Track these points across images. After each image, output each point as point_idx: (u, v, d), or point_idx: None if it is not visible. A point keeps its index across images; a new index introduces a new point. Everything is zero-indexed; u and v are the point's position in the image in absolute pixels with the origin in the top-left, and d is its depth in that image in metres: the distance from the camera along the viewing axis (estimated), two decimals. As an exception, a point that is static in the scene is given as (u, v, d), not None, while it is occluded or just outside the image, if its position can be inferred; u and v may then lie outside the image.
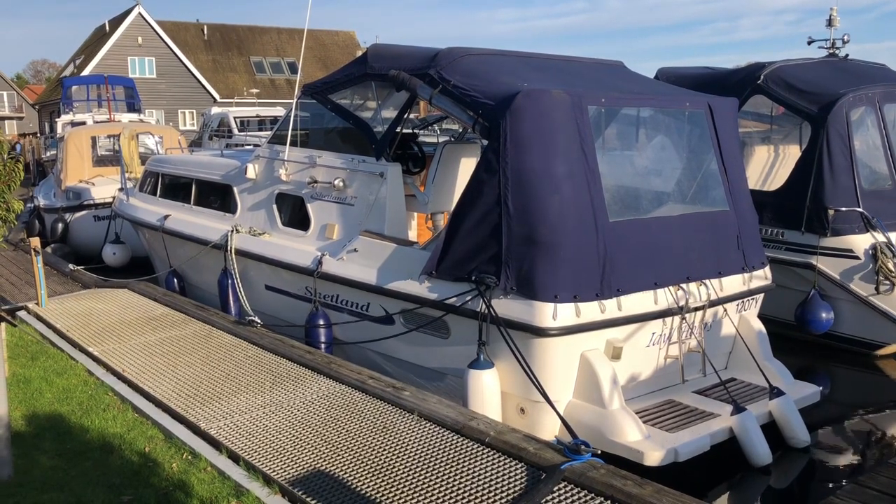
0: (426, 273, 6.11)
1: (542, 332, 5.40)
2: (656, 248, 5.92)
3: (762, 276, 6.67)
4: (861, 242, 8.01)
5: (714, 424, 5.59)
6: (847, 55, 10.44)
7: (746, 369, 6.38)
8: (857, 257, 8.01)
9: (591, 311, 5.48)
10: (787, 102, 8.91)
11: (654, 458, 5.13)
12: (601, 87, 6.55)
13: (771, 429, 5.84)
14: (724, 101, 6.84)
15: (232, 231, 8.26)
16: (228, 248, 8.20)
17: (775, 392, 5.94)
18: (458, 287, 5.86)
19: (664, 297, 5.83)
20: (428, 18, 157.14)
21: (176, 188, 9.99)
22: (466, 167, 7.37)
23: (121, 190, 11.64)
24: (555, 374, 5.50)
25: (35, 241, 8.99)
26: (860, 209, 8.05)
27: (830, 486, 5.63)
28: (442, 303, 5.96)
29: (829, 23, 10.54)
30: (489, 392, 5.62)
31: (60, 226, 13.68)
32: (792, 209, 8.40)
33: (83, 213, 13.68)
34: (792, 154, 9.29)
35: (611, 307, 5.55)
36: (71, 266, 10.85)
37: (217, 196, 9.08)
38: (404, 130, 7.69)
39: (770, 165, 9.67)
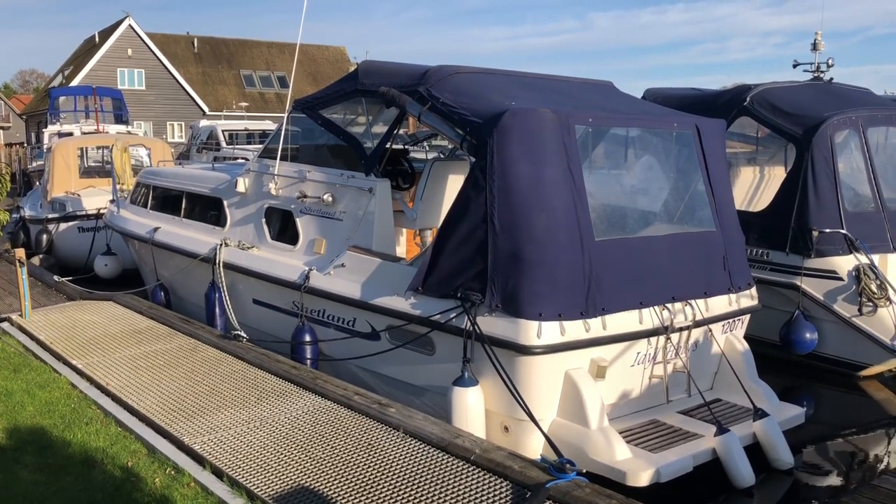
0: (412, 289, 6.11)
1: (526, 351, 5.40)
2: (642, 268, 5.95)
3: (748, 297, 6.70)
4: (844, 264, 8.08)
5: (697, 445, 5.59)
6: (832, 78, 10.59)
7: (732, 390, 6.39)
8: (840, 279, 8.08)
9: (575, 329, 5.49)
10: (773, 124, 9.01)
11: (636, 478, 5.12)
12: (589, 106, 6.60)
13: (755, 450, 5.86)
14: (712, 122, 6.91)
15: (221, 244, 8.24)
16: (217, 261, 8.18)
17: (759, 413, 5.95)
18: (443, 304, 5.86)
19: (649, 317, 5.85)
20: (419, 35, 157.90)
21: (167, 201, 9.98)
22: (455, 184, 7.40)
23: (112, 202, 11.62)
24: (539, 392, 5.50)
25: (19, 252, 8.92)
26: (843, 231, 8.13)
27: (814, 505, 5.67)
28: (427, 319, 5.96)
29: (814, 46, 10.71)
30: (473, 410, 5.60)
31: (45, 237, 13.60)
32: (777, 230, 8.48)
33: (68, 224, 13.61)
34: (777, 175, 9.39)
35: (595, 326, 5.57)
36: (56, 277, 10.78)
37: (207, 209, 9.07)
38: (395, 146, 7.72)
39: (755, 186, 9.76)
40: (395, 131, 7.08)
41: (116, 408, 5.95)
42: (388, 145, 7.10)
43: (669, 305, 5.98)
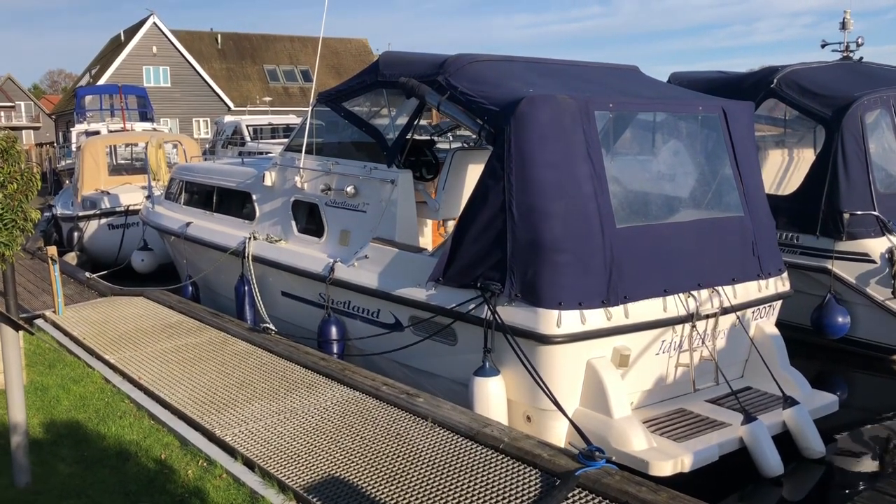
0: (433, 279, 6.11)
1: (546, 340, 5.37)
2: (666, 255, 5.87)
3: (779, 283, 6.58)
4: (877, 246, 7.94)
5: (724, 434, 5.51)
6: (861, 58, 10.38)
7: (763, 378, 6.27)
8: (872, 261, 7.94)
9: (596, 318, 5.44)
10: (801, 106, 8.86)
11: (659, 467, 5.06)
12: (611, 91, 6.53)
13: (786, 439, 5.77)
14: (740, 104, 6.79)
15: (249, 238, 8.34)
16: (246, 254, 8.27)
17: (789, 401, 5.86)
18: (464, 294, 5.85)
19: (674, 305, 5.78)
20: (442, 25, 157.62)
21: (199, 196, 10.15)
22: (476, 173, 7.35)
23: (147, 198, 11.81)
24: (560, 381, 5.46)
25: (52, 250, 9.08)
26: (876, 213, 7.99)
27: (847, 492, 5.59)
28: (448, 310, 5.96)
29: (843, 26, 10.50)
30: (495, 399, 5.59)
31: (76, 234, 13.83)
32: (807, 213, 8.35)
33: (98, 221, 13.83)
34: (806, 158, 9.24)
35: (617, 314, 5.52)
36: (87, 274, 10.95)
37: (237, 203, 9.19)
38: (420, 137, 7.71)
39: (784, 169, 9.62)
40: (415, 122, 7.07)
41: (149, 401, 6.05)
42: (409, 136, 7.10)
43: (695, 293, 5.90)
